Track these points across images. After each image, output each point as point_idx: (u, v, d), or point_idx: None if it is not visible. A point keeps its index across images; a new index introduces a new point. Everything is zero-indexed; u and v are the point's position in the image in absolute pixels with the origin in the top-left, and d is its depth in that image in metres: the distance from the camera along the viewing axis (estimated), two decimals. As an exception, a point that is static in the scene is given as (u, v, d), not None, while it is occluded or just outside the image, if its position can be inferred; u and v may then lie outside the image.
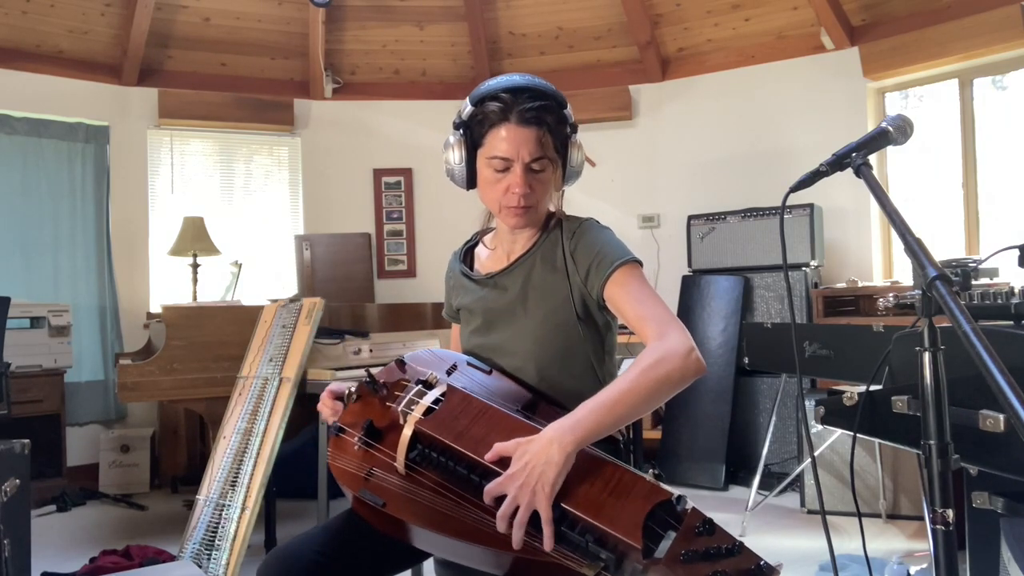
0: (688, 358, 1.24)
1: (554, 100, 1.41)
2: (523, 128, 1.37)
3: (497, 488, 1.13)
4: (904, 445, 1.53)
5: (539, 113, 1.38)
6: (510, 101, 1.37)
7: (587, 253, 1.41)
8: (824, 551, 2.87)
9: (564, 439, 1.14)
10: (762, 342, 3.26)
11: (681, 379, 1.24)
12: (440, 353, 1.50)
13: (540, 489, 1.09)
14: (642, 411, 1.24)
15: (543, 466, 1.11)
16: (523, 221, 1.45)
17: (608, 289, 1.38)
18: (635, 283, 1.37)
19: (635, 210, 5.03)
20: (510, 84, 1.40)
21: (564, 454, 1.13)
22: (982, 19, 3.98)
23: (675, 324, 1.30)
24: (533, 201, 1.42)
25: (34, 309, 4.07)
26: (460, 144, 1.43)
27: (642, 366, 1.23)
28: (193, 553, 2.68)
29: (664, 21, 4.95)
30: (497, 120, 1.38)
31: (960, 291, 1.79)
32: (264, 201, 5.20)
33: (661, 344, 1.26)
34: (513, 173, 1.39)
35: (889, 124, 1.19)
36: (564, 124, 1.43)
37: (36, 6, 4.45)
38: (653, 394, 1.23)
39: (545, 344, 1.43)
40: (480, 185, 1.46)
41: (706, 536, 1.04)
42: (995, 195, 4.19)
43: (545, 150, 1.39)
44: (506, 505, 1.10)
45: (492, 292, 1.51)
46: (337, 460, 1.30)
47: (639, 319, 1.33)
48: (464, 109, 1.43)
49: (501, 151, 1.38)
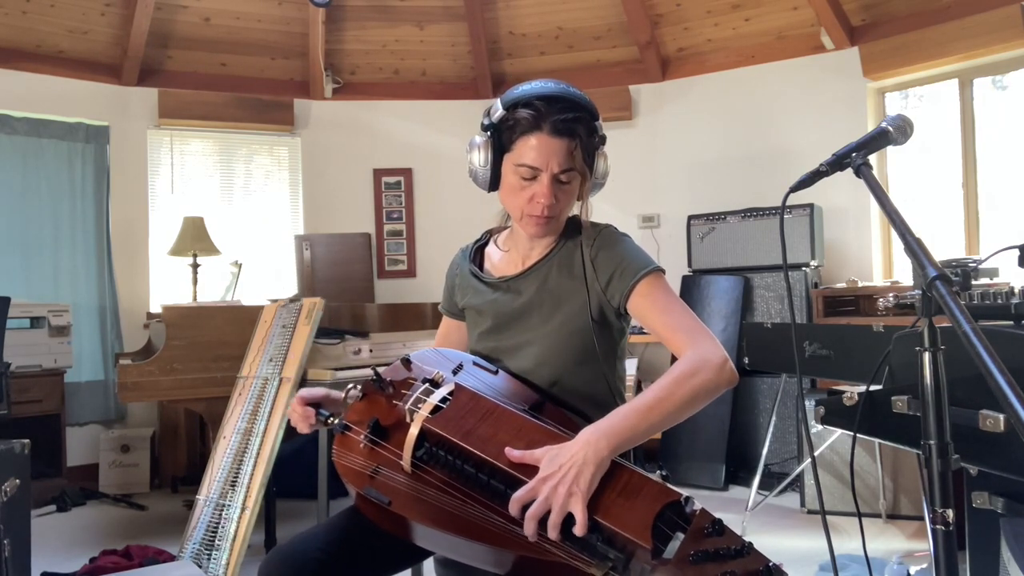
0: (723, 369, 1.25)
1: (587, 112, 1.39)
2: (555, 139, 1.34)
3: (528, 494, 1.11)
4: (904, 445, 1.53)
5: (572, 125, 1.35)
6: (544, 110, 1.34)
7: (610, 261, 1.40)
8: (824, 551, 2.87)
9: (599, 443, 1.14)
10: (762, 342, 3.26)
11: (715, 389, 1.24)
12: (446, 353, 1.49)
13: (577, 490, 1.09)
14: (675, 420, 1.24)
15: (580, 467, 1.11)
16: (544, 231, 1.43)
17: (633, 300, 1.37)
18: (661, 293, 1.37)
19: (635, 210, 5.03)
20: (545, 92, 1.37)
21: (600, 457, 1.13)
22: (982, 19, 3.98)
23: (706, 334, 1.30)
24: (557, 211, 1.40)
25: (34, 309, 4.07)
26: (487, 146, 1.40)
27: (677, 375, 1.23)
28: (193, 553, 2.68)
29: (664, 21, 4.95)
30: (529, 128, 1.35)
31: (960, 291, 1.79)
32: (264, 201, 5.19)
33: (695, 354, 1.26)
34: (540, 183, 1.37)
35: (889, 124, 1.19)
36: (594, 135, 1.40)
37: (36, 6, 4.44)
38: (687, 403, 1.22)
39: (559, 349, 1.42)
40: (503, 190, 1.43)
41: (715, 537, 1.04)
42: (995, 195, 4.19)
43: (574, 162, 1.37)
44: (538, 505, 1.09)
45: (505, 296, 1.50)
46: (342, 458, 1.30)
47: (668, 329, 1.33)
48: (494, 112, 1.39)
49: (530, 160, 1.36)
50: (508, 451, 1.18)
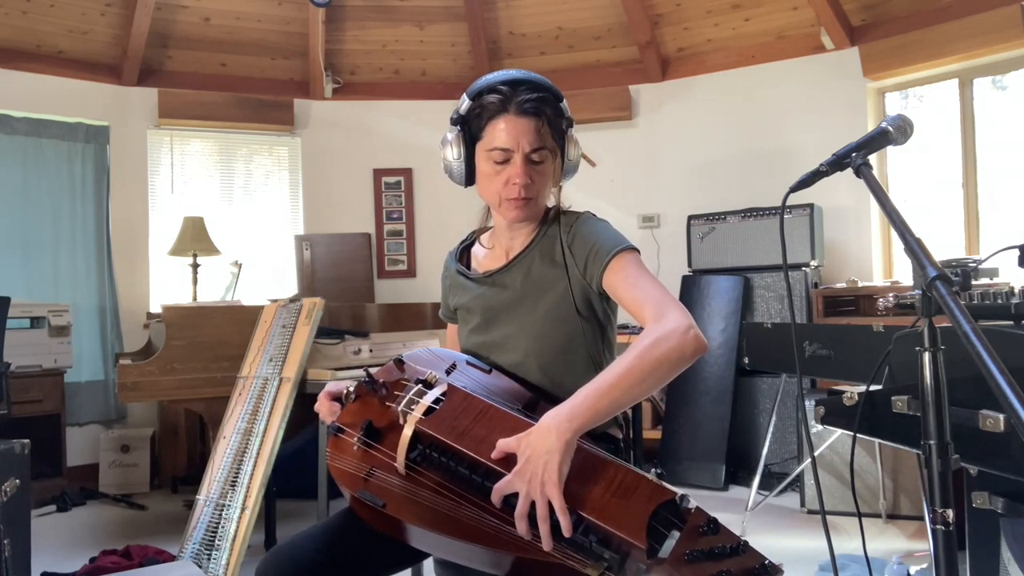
0: (686, 335, 1.22)
1: (550, 92, 1.43)
2: (522, 119, 1.38)
3: (506, 486, 1.12)
4: (904, 445, 1.53)
5: (537, 104, 1.39)
6: (508, 93, 1.39)
7: (584, 244, 1.41)
8: (824, 551, 2.87)
9: (561, 426, 1.13)
10: (762, 342, 3.26)
11: (680, 358, 1.22)
12: (439, 352, 1.49)
13: (548, 480, 1.08)
14: (642, 393, 1.22)
15: (545, 456, 1.10)
16: (523, 214, 1.44)
17: (606, 277, 1.38)
18: (632, 268, 1.37)
19: (635, 210, 5.03)
20: (507, 77, 1.41)
21: (563, 441, 1.12)
22: (982, 19, 3.98)
23: (673, 304, 1.29)
24: (533, 192, 1.42)
25: (34, 309, 4.07)
26: (458, 140, 1.44)
27: (639, 348, 1.21)
28: (193, 553, 2.68)
29: (664, 21, 4.95)
30: (496, 112, 1.39)
31: (960, 291, 1.79)
32: (264, 201, 5.20)
33: (658, 324, 1.24)
34: (513, 164, 1.40)
35: (889, 124, 1.19)
36: (561, 116, 1.44)
37: (36, 6, 4.44)
38: (651, 375, 1.20)
39: (546, 339, 1.43)
40: (479, 180, 1.46)
41: (710, 535, 1.04)
42: (995, 195, 4.19)
43: (544, 140, 1.40)
44: (521, 503, 1.09)
45: (491, 290, 1.51)
46: (336, 460, 1.30)
47: (636, 302, 1.32)
48: (461, 105, 1.44)
49: (501, 142, 1.39)
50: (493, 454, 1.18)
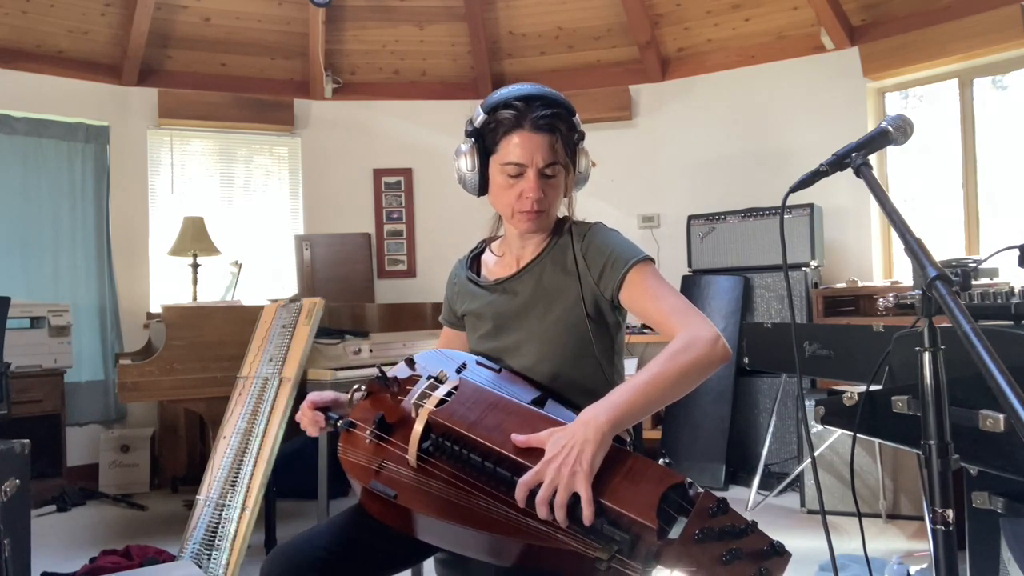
0: (716, 344, 1.28)
1: (564, 108, 1.45)
2: (536, 135, 1.41)
3: (534, 477, 1.13)
4: (904, 445, 1.53)
5: (551, 120, 1.42)
6: (523, 109, 1.41)
7: (600, 254, 1.44)
8: (824, 551, 2.87)
9: (599, 420, 1.17)
10: (762, 342, 3.27)
11: (709, 364, 1.28)
12: (449, 353, 1.52)
13: (579, 468, 1.11)
14: (672, 396, 1.27)
15: (581, 445, 1.13)
16: (535, 226, 1.47)
17: (625, 290, 1.41)
18: (651, 280, 1.40)
19: (635, 210, 5.03)
20: (522, 92, 1.43)
21: (600, 434, 1.15)
22: (982, 19, 3.98)
23: (697, 315, 1.34)
24: (546, 206, 1.45)
25: (34, 309, 4.07)
26: (473, 152, 1.46)
27: (671, 352, 1.27)
28: (193, 553, 2.68)
29: (664, 21, 4.95)
30: (511, 127, 1.42)
31: (960, 291, 1.79)
32: (264, 201, 5.20)
33: (688, 333, 1.30)
34: (526, 179, 1.43)
35: (889, 124, 1.19)
36: (573, 131, 1.47)
37: (36, 6, 4.44)
38: (682, 379, 1.26)
39: (557, 345, 1.45)
40: (492, 191, 1.49)
41: (720, 516, 1.06)
42: (995, 195, 4.19)
43: (557, 156, 1.43)
44: (545, 488, 1.11)
45: (502, 297, 1.53)
46: (348, 454, 1.32)
47: (660, 313, 1.36)
48: (476, 117, 1.46)
49: (515, 157, 1.42)
50: (514, 436, 1.20)
